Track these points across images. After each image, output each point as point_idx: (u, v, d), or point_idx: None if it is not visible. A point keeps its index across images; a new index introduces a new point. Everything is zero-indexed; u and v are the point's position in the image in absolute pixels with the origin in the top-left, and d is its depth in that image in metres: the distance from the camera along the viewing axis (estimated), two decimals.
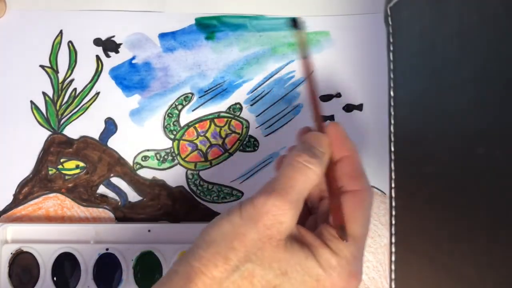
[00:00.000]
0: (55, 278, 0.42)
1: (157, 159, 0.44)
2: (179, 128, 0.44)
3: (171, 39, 0.45)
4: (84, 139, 0.44)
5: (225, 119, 0.45)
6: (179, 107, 0.45)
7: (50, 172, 0.44)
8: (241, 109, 0.45)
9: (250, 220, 0.27)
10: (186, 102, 0.45)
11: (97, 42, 0.44)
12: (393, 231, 0.24)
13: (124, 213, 0.44)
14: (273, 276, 0.26)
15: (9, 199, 0.44)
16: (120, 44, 0.44)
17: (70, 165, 0.44)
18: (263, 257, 0.26)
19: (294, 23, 0.31)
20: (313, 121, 0.31)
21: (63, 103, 0.44)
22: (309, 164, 0.28)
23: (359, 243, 0.29)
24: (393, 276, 0.24)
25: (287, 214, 0.27)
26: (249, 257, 0.26)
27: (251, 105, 0.45)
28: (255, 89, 0.45)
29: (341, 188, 0.30)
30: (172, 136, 0.44)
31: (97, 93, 0.44)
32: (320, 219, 0.31)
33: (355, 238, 0.28)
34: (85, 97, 0.44)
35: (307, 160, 0.28)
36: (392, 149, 0.24)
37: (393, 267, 0.24)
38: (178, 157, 0.44)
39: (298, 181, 0.27)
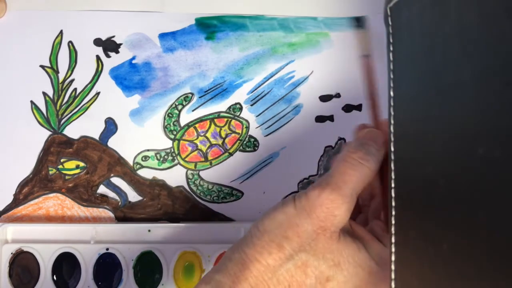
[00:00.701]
0: (55, 278, 0.42)
1: (157, 159, 0.44)
2: (179, 128, 0.44)
3: (171, 39, 0.45)
4: (84, 139, 0.44)
5: (225, 119, 0.45)
6: (179, 107, 0.45)
7: (50, 172, 0.44)
8: (241, 109, 0.45)
9: (304, 212, 0.27)
10: (186, 102, 0.45)
11: (97, 42, 0.44)
12: (393, 231, 0.24)
13: (124, 213, 0.44)
14: (326, 267, 0.27)
15: (9, 199, 0.44)
16: (120, 44, 0.44)
17: (70, 165, 0.44)
18: (317, 247, 0.27)
19: (358, 22, 0.31)
20: (370, 118, 0.31)
21: (63, 103, 0.44)
22: (363, 161, 0.28)
23: None
24: (393, 276, 0.24)
25: (341, 208, 0.27)
26: (303, 247, 0.27)
27: (251, 105, 0.45)
28: (255, 89, 0.45)
29: None
30: (172, 136, 0.44)
31: (97, 93, 0.44)
32: (371, 216, 0.32)
33: None
34: (85, 97, 0.44)
35: (362, 157, 0.28)
36: (392, 149, 0.24)
37: (393, 267, 0.24)
38: (178, 157, 0.44)
39: (352, 176, 0.28)
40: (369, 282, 0.28)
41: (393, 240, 0.24)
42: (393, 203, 0.24)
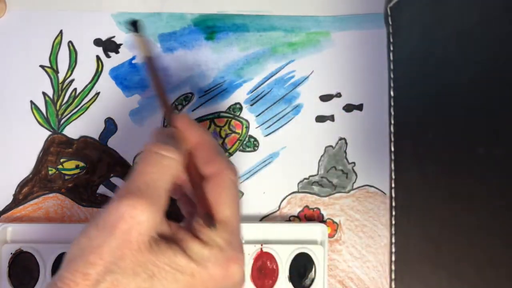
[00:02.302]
0: None
1: None
2: None
3: (171, 39, 0.45)
4: (84, 139, 0.44)
5: (225, 119, 0.45)
6: (179, 107, 0.45)
7: (50, 172, 0.44)
8: (241, 109, 0.45)
9: (106, 229, 0.25)
10: (186, 102, 0.45)
11: (97, 42, 0.44)
12: (393, 231, 0.24)
13: None
14: (141, 281, 0.25)
15: (9, 199, 0.44)
16: (120, 44, 0.44)
17: (70, 165, 0.44)
18: (125, 265, 0.25)
19: (134, 26, 0.30)
20: (164, 115, 0.31)
21: (63, 103, 0.44)
22: (162, 151, 0.27)
23: (230, 226, 0.28)
24: (393, 276, 0.24)
25: (145, 212, 0.25)
26: (109, 268, 0.25)
27: (251, 105, 0.45)
28: (255, 89, 0.45)
29: (202, 176, 0.29)
30: None
31: (97, 93, 0.44)
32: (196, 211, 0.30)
33: (223, 222, 0.28)
34: (85, 97, 0.44)
35: (161, 148, 0.27)
36: (392, 149, 0.24)
37: (393, 267, 0.24)
38: None
39: (153, 174, 0.26)
40: (194, 284, 0.26)
41: (393, 240, 0.24)
42: (393, 203, 0.24)
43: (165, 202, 0.26)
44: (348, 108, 0.45)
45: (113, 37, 0.44)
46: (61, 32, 0.44)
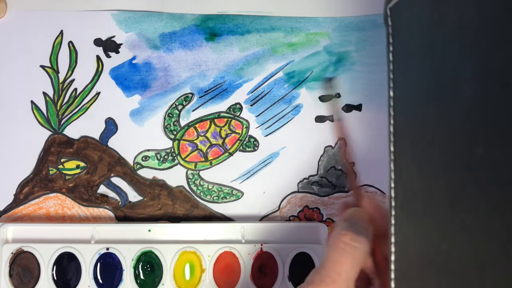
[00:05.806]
0: (55, 278, 0.42)
1: (157, 159, 0.44)
2: (179, 128, 0.44)
3: (171, 39, 0.45)
4: (85, 139, 0.44)
5: (225, 119, 0.45)
6: (179, 107, 0.45)
7: (51, 172, 0.44)
8: (241, 109, 0.45)
9: None
10: (186, 102, 0.45)
11: (98, 42, 0.44)
12: (392, 231, 0.24)
13: (125, 213, 0.44)
14: None
15: (9, 199, 0.44)
16: (121, 44, 0.44)
17: (70, 165, 0.44)
18: None
19: (329, 82, 0.30)
20: (350, 188, 0.30)
21: (63, 103, 0.44)
22: (355, 243, 0.27)
23: None
24: (393, 276, 0.24)
25: None
26: None
27: (251, 105, 0.45)
28: (255, 89, 0.45)
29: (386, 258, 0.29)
30: (172, 136, 0.44)
31: (98, 93, 0.44)
32: None
33: None
34: (85, 97, 0.44)
35: (353, 239, 0.27)
36: (392, 149, 0.24)
37: (392, 266, 0.24)
38: (178, 157, 0.44)
39: (345, 265, 0.27)
40: None
41: (392, 240, 0.24)
42: (393, 203, 0.24)
43: None
44: (348, 108, 0.45)
45: (113, 37, 0.44)
46: (61, 32, 0.44)
